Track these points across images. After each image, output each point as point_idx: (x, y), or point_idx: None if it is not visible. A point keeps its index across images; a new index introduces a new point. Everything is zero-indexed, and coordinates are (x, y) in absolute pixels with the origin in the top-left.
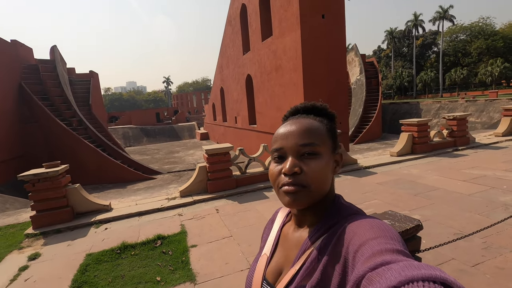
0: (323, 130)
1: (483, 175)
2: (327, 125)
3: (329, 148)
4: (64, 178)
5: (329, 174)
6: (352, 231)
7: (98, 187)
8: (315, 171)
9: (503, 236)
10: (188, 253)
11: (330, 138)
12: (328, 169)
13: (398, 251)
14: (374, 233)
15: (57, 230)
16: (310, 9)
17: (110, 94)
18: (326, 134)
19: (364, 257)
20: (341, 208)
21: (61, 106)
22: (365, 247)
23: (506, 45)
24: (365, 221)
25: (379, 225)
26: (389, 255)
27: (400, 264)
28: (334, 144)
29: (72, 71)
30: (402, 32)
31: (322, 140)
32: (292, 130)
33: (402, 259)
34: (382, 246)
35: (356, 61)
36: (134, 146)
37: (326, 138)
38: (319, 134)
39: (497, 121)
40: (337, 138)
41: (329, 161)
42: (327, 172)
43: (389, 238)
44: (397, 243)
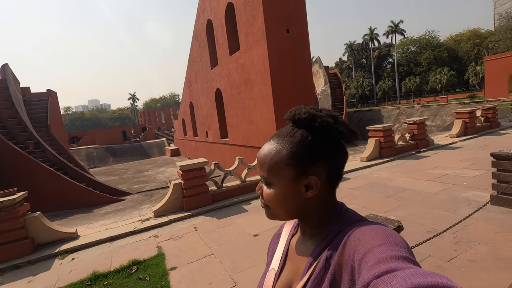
0: (281, 158)
1: (445, 174)
2: (293, 147)
3: (287, 177)
4: (22, 206)
5: (283, 200)
6: (357, 238)
7: (60, 214)
8: (267, 196)
9: (470, 230)
10: (168, 277)
11: (289, 165)
12: (281, 196)
13: (404, 257)
14: (379, 240)
15: (15, 265)
16: (275, 24)
17: (70, 113)
18: (283, 162)
19: (369, 264)
20: (344, 216)
21: (15, 128)
22: (370, 254)
23: (450, 55)
24: (369, 228)
25: (384, 232)
26: (395, 262)
27: (406, 272)
28: (299, 169)
29: (27, 90)
30: (360, 45)
31: (275, 171)
32: (259, 156)
33: (408, 266)
34: (387, 253)
35: (321, 73)
36: (99, 167)
37: (281, 167)
38: (272, 165)
39: (449, 124)
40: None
41: (283, 189)
42: (279, 198)
43: (394, 244)
44: (403, 250)
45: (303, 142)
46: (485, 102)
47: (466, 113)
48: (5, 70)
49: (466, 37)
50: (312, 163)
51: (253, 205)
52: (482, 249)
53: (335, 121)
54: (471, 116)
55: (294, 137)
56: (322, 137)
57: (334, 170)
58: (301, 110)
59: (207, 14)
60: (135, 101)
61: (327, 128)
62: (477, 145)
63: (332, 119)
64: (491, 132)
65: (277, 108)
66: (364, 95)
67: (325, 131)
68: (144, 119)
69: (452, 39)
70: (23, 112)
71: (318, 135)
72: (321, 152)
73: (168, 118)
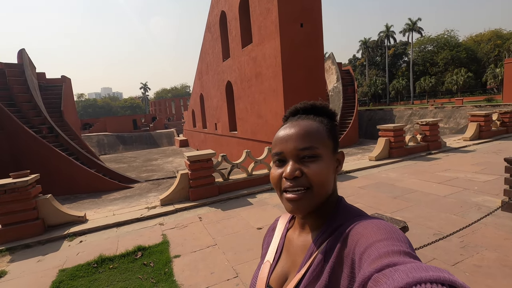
0: (323, 131)
1: (455, 177)
2: (327, 125)
3: (330, 148)
4: (34, 188)
5: (330, 175)
6: (359, 232)
7: (70, 198)
8: (316, 173)
9: (477, 235)
10: (171, 264)
11: (330, 139)
12: (329, 170)
13: (405, 252)
14: (381, 235)
15: (26, 245)
16: (289, 17)
17: (83, 100)
18: (326, 135)
19: (371, 258)
20: (345, 210)
21: (30, 112)
22: (372, 248)
23: (468, 56)
24: (371, 222)
25: (386, 227)
26: (396, 256)
27: (408, 266)
28: (335, 144)
29: (43, 76)
30: (375, 42)
31: (321, 142)
32: (291, 134)
33: (409, 261)
34: (389, 248)
35: (333, 69)
36: (109, 154)
37: (325, 139)
38: (318, 136)
39: (463, 126)
40: (337, 137)
41: (330, 162)
42: (328, 173)
43: (396, 239)
44: (404, 245)
45: (330, 123)
46: (503, 106)
47: (481, 116)
48: (22, 55)
49: (486, 38)
50: (338, 142)
51: (258, 199)
52: (489, 255)
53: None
54: (487, 120)
55: (323, 120)
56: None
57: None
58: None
59: (221, 6)
60: (147, 90)
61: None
62: (491, 150)
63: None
64: (506, 137)
65: (287, 103)
66: (377, 94)
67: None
68: (155, 109)
69: (472, 39)
70: (38, 97)
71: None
72: (336, 133)
73: (178, 109)
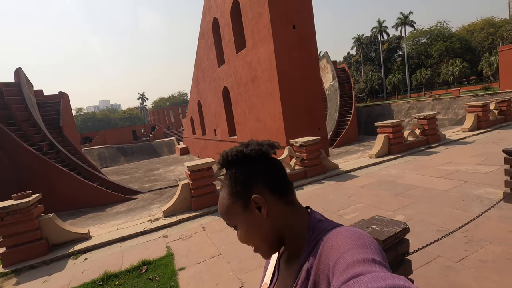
0: (226, 202)
1: (456, 170)
2: (228, 187)
3: (239, 212)
4: (37, 208)
5: (252, 231)
6: (329, 246)
7: (74, 213)
8: (241, 239)
9: (481, 229)
10: (177, 277)
11: (235, 201)
12: (247, 230)
13: (370, 260)
14: (347, 245)
15: (31, 266)
16: (281, 20)
17: (82, 114)
18: (229, 203)
19: (339, 270)
20: (317, 227)
21: (29, 130)
22: (340, 260)
23: (462, 46)
24: (339, 234)
25: (352, 235)
26: (360, 266)
27: (368, 276)
28: (242, 199)
29: (40, 93)
30: (368, 38)
31: (230, 214)
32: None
33: (371, 269)
34: (354, 258)
35: (328, 68)
36: (111, 166)
37: (231, 208)
38: (227, 211)
39: (462, 117)
40: (244, 185)
41: (245, 224)
42: (249, 233)
43: (362, 246)
44: (370, 251)
45: (232, 179)
46: (500, 93)
47: (479, 106)
48: (18, 74)
49: (479, 27)
50: (248, 189)
51: None
52: (493, 249)
53: (259, 145)
54: (484, 110)
55: (227, 180)
56: (250, 163)
57: (273, 181)
58: (227, 153)
59: (213, 13)
60: (145, 100)
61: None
62: (490, 140)
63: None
64: (505, 126)
65: (284, 105)
66: (374, 89)
67: (243, 159)
68: (154, 119)
69: (465, 29)
70: (37, 114)
71: (239, 164)
72: (248, 175)
73: (177, 117)
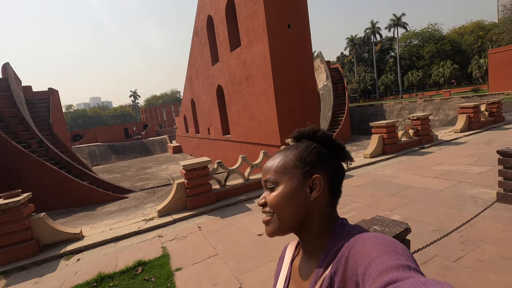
0: (289, 160)
1: (449, 170)
2: (300, 152)
3: (294, 176)
4: (27, 208)
5: (289, 201)
6: (358, 252)
7: (64, 212)
8: (272, 200)
9: (476, 229)
10: (173, 278)
11: (297, 166)
12: (287, 197)
13: (404, 266)
14: (378, 251)
15: (21, 267)
16: (276, 19)
17: (72, 111)
18: (291, 163)
19: (372, 277)
20: (344, 231)
21: (17, 127)
22: (372, 266)
23: (453, 48)
24: (368, 239)
25: (382, 241)
26: (395, 272)
27: (407, 282)
28: (307, 170)
29: (29, 89)
30: (362, 39)
31: (282, 172)
32: (264, 167)
33: (408, 276)
34: (387, 264)
35: (322, 68)
36: (102, 164)
37: (290, 167)
38: (280, 167)
39: (453, 118)
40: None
41: (289, 190)
42: (286, 200)
43: (393, 253)
44: (403, 257)
45: (308, 148)
46: (489, 95)
47: (470, 107)
48: (6, 69)
49: (469, 30)
50: (316, 166)
51: (256, 204)
52: (489, 248)
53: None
54: (476, 111)
55: (300, 146)
56: (324, 146)
57: (335, 178)
58: (303, 129)
59: (208, 10)
60: (137, 98)
61: (328, 138)
62: (481, 141)
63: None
64: (495, 127)
65: (279, 104)
66: (366, 90)
67: (326, 141)
68: (146, 117)
69: (455, 31)
70: (25, 111)
71: (320, 144)
72: (324, 157)
73: (169, 115)
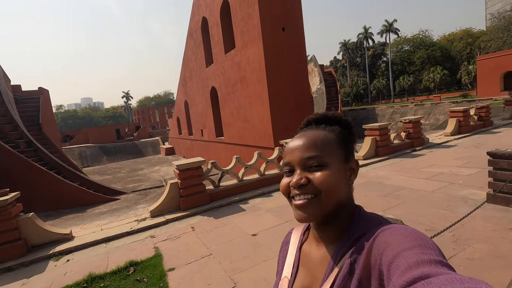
0: (332, 140)
1: (440, 172)
2: (338, 135)
3: (339, 157)
4: (15, 207)
5: (339, 183)
6: (384, 241)
7: (53, 214)
8: (323, 180)
9: (467, 228)
10: (166, 278)
11: (340, 147)
12: (337, 178)
13: (436, 261)
14: (408, 243)
15: (8, 268)
16: (271, 22)
17: (63, 111)
18: (335, 143)
19: (400, 270)
20: (365, 219)
21: (5, 127)
22: (400, 258)
23: (443, 55)
24: (396, 230)
25: (413, 234)
26: (427, 267)
27: (441, 278)
28: (347, 153)
29: (18, 88)
30: (354, 44)
31: (328, 150)
32: (298, 144)
33: (441, 271)
34: (418, 257)
35: (316, 71)
36: (93, 166)
37: (334, 147)
38: (326, 145)
39: (443, 122)
40: (351, 145)
41: (338, 170)
42: (336, 181)
43: (424, 247)
44: (434, 252)
45: (343, 132)
46: (478, 101)
47: (460, 112)
48: None
49: (458, 37)
50: (352, 151)
51: (250, 204)
52: (480, 247)
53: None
54: (465, 115)
55: (334, 129)
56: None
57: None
58: (327, 112)
59: (202, 12)
60: (129, 99)
61: (351, 127)
62: (471, 144)
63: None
64: (484, 131)
65: (273, 106)
66: (359, 94)
67: (350, 129)
68: (138, 118)
69: (445, 38)
70: (14, 111)
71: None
72: (352, 144)
73: (162, 117)
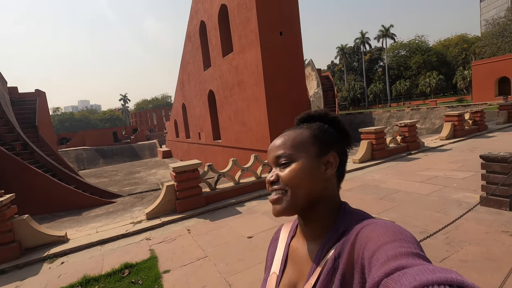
0: (305, 137)
1: (435, 175)
2: (314, 131)
3: (312, 152)
4: (9, 209)
5: (307, 177)
6: (366, 236)
7: (48, 217)
8: (288, 175)
9: (461, 231)
10: (161, 280)
11: (314, 143)
12: (304, 172)
13: (413, 253)
14: (388, 237)
15: (2, 270)
16: (268, 26)
17: (59, 114)
18: (308, 140)
19: (379, 262)
20: (349, 214)
21: (1, 129)
22: (380, 251)
23: (438, 60)
24: (378, 225)
25: (393, 228)
26: (404, 259)
27: (415, 269)
28: (322, 147)
29: (15, 90)
30: (352, 49)
31: (299, 147)
32: (274, 145)
33: (417, 263)
34: (397, 250)
35: (313, 75)
36: (89, 168)
37: (307, 144)
38: (297, 142)
39: (438, 126)
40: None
41: (307, 165)
42: (303, 175)
43: (403, 241)
44: (412, 246)
45: (322, 128)
46: (473, 105)
47: (455, 116)
48: None
49: (454, 42)
50: (332, 145)
51: (246, 207)
52: (473, 249)
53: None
54: (460, 119)
55: (313, 126)
56: (334, 128)
57: (342, 160)
58: (312, 111)
59: (200, 16)
60: (126, 102)
61: (338, 121)
62: (466, 148)
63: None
64: (479, 135)
65: (270, 110)
66: (356, 98)
67: (336, 124)
68: (136, 121)
69: (441, 43)
70: (10, 113)
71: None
72: (335, 138)
73: (160, 120)
